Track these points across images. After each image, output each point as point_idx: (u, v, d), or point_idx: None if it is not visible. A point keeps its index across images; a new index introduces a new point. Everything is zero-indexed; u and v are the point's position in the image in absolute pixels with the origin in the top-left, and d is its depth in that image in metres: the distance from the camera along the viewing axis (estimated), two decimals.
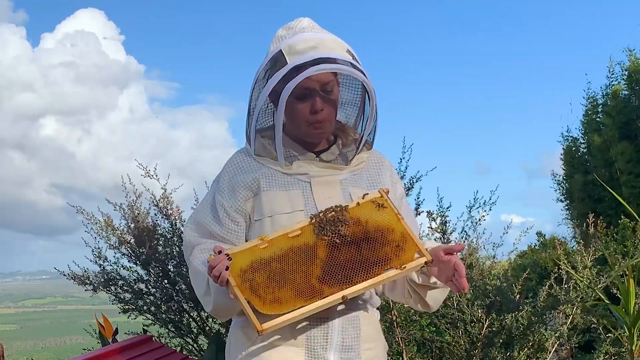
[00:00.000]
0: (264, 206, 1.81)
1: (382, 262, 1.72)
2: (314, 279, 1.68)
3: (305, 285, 1.67)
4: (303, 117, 1.80)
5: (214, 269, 1.65)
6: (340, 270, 1.69)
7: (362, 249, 1.73)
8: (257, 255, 1.70)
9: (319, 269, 1.69)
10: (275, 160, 1.84)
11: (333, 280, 1.68)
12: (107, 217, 4.28)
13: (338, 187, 1.85)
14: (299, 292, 1.66)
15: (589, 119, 11.54)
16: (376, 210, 1.79)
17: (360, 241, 1.74)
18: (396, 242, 1.75)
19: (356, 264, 1.71)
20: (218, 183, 1.90)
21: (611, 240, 5.25)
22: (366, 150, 1.92)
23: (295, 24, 1.85)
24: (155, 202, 4.25)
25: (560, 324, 4.08)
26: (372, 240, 1.74)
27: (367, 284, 1.70)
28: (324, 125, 1.83)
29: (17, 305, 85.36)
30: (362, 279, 1.69)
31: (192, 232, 1.91)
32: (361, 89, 1.89)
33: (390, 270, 1.72)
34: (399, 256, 1.74)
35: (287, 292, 1.66)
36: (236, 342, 1.85)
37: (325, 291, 1.67)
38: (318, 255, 1.71)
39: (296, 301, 1.65)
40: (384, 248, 1.74)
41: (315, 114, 1.79)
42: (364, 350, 1.83)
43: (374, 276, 1.70)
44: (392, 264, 1.72)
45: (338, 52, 1.78)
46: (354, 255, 1.72)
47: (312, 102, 1.78)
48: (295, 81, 1.72)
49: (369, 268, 1.71)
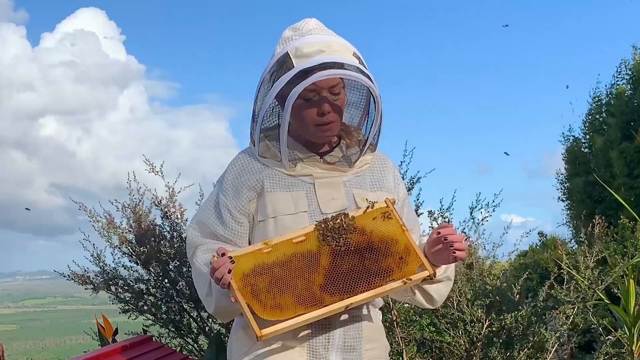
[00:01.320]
0: (268, 207, 1.81)
1: (384, 273, 1.72)
2: (316, 286, 1.68)
3: (307, 292, 1.67)
4: (311, 119, 1.80)
5: (217, 272, 1.66)
6: (342, 280, 1.69)
7: (365, 259, 1.73)
8: (260, 260, 1.70)
9: (321, 277, 1.69)
10: (279, 162, 1.84)
11: (334, 289, 1.68)
12: (109, 214, 4.29)
13: (342, 189, 1.85)
14: (300, 299, 1.66)
15: (591, 119, 11.51)
16: (381, 221, 1.79)
17: (363, 251, 1.74)
18: (399, 254, 1.75)
19: (358, 274, 1.71)
20: (222, 184, 1.90)
21: (611, 241, 5.25)
22: (370, 152, 1.92)
23: (302, 25, 1.84)
24: (158, 201, 4.26)
25: (561, 324, 4.08)
26: (376, 251, 1.74)
27: (368, 295, 1.70)
28: (332, 127, 1.83)
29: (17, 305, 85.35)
30: (363, 290, 1.69)
31: (195, 232, 1.91)
32: (366, 92, 1.89)
33: (392, 283, 1.72)
34: (401, 268, 1.73)
35: (288, 298, 1.66)
36: (238, 341, 1.86)
37: (325, 300, 1.67)
38: (321, 263, 1.71)
39: (297, 308, 1.66)
40: (387, 259, 1.74)
41: (322, 116, 1.79)
42: (366, 351, 1.84)
43: (375, 287, 1.70)
44: (394, 275, 1.72)
45: (345, 56, 1.77)
46: (356, 265, 1.72)
47: (320, 105, 1.79)
48: (302, 86, 1.72)
49: (371, 279, 1.71)
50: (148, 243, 4.17)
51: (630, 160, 9.95)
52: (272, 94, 1.77)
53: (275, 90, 1.76)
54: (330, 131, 1.84)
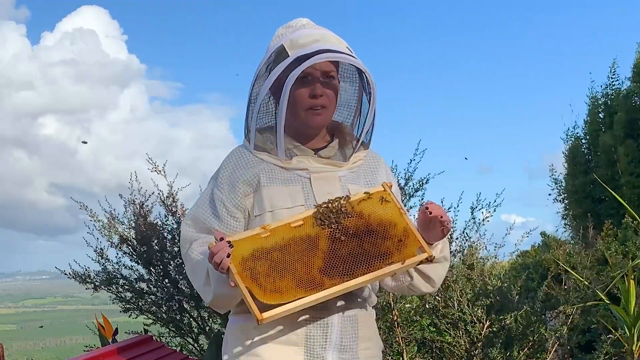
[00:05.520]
0: (265, 201, 1.81)
1: (383, 256, 1.72)
2: (315, 270, 1.68)
3: (307, 276, 1.67)
4: (302, 101, 1.81)
5: (215, 256, 1.64)
6: (342, 263, 1.69)
7: (364, 242, 1.73)
8: (259, 244, 1.69)
9: (321, 260, 1.69)
10: (274, 154, 1.85)
11: (334, 272, 1.68)
12: (111, 213, 4.29)
13: (337, 183, 1.86)
14: (300, 282, 1.66)
15: (592, 118, 11.48)
16: (379, 204, 1.79)
17: (362, 234, 1.74)
18: (398, 237, 1.75)
19: (358, 257, 1.71)
20: (216, 179, 1.90)
21: (612, 241, 5.24)
22: (363, 149, 1.93)
23: (295, 22, 1.88)
24: (162, 199, 4.27)
25: (560, 324, 4.08)
26: (374, 234, 1.74)
27: (368, 278, 1.70)
28: (323, 112, 1.84)
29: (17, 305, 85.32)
30: (363, 272, 1.70)
31: (189, 229, 1.89)
32: (359, 86, 1.90)
33: (392, 265, 1.72)
34: (400, 251, 1.74)
35: (288, 282, 1.66)
36: (234, 340, 1.84)
37: (325, 283, 1.67)
38: (320, 246, 1.71)
39: (297, 292, 1.65)
40: (386, 242, 1.74)
41: (314, 98, 1.80)
42: (361, 350, 1.84)
43: (375, 270, 1.71)
44: (393, 258, 1.73)
45: (339, 46, 1.81)
46: (355, 248, 1.72)
47: (313, 87, 1.80)
48: (301, 68, 1.74)
49: (371, 262, 1.71)
50: (149, 242, 4.17)
51: (633, 159, 9.93)
52: (269, 83, 1.79)
53: (271, 78, 1.78)
54: (321, 116, 1.84)
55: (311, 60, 1.74)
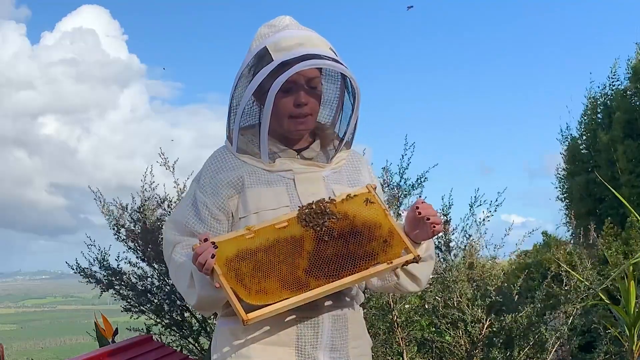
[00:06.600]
0: (250, 203, 1.79)
1: (369, 256, 1.72)
2: (301, 271, 1.67)
3: (292, 276, 1.66)
4: (286, 109, 1.79)
5: (200, 257, 1.63)
6: (327, 264, 1.69)
7: (350, 243, 1.73)
8: (244, 245, 1.68)
9: (306, 261, 1.69)
10: (257, 157, 1.83)
11: (320, 273, 1.68)
12: (120, 204, 4.31)
13: (321, 184, 1.85)
14: (285, 283, 1.65)
15: (589, 118, 11.49)
16: (364, 206, 1.79)
17: (347, 236, 1.73)
18: (383, 238, 1.75)
19: (343, 258, 1.70)
20: (199, 182, 1.87)
21: (612, 240, 5.23)
22: (345, 149, 1.92)
23: (277, 22, 1.85)
24: (167, 198, 4.28)
25: (561, 324, 4.08)
26: (359, 235, 1.74)
27: (354, 278, 1.70)
28: (307, 121, 1.83)
29: (17, 305, 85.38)
30: (349, 273, 1.69)
31: (172, 232, 1.87)
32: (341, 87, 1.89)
33: (377, 265, 1.72)
34: (386, 252, 1.74)
35: (273, 283, 1.65)
36: (224, 342, 1.82)
37: (311, 284, 1.66)
38: (305, 247, 1.70)
39: (282, 292, 1.65)
40: (371, 243, 1.74)
41: (298, 107, 1.79)
42: (351, 349, 1.84)
43: (360, 270, 1.70)
44: (379, 259, 1.72)
45: (323, 49, 1.79)
46: (341, 249, 1.71)
47: (297, 96, 1.78)
48: (286, 75, 1.71)
49: (356, 262, 1.70)
50: (153, 238, 4.18)
51: (632, 158, 9.93)
52: (253, 87, 1.76)
53: (255, 83, 1.75)
54: (304, 124, 1.83)
55: (296, 67, 1.71)
